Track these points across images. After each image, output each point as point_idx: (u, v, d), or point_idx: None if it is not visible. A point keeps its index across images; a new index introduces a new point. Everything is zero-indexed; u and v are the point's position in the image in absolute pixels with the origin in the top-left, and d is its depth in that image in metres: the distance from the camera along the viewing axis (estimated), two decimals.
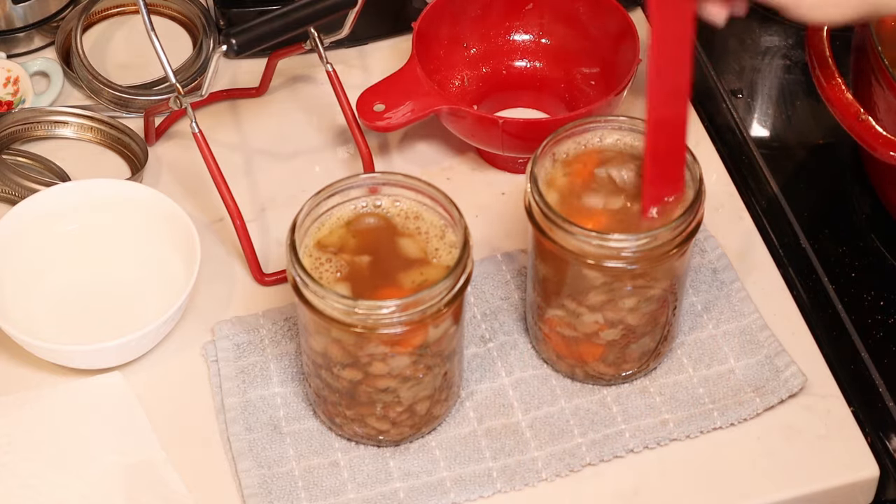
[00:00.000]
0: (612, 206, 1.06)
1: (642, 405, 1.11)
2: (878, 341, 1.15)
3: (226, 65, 1.35)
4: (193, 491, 1.06)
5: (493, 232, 1.22)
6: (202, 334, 1.15)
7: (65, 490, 1.05)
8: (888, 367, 1.13)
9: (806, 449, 1.09)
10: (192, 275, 1.12)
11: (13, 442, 1.08)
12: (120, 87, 1.31)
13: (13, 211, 1.16)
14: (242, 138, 1.30)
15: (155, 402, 1.11)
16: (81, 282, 1.18)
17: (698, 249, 1.19)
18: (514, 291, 1.17)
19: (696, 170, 1.06)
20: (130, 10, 1.40)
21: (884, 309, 1.17)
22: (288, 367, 1.13)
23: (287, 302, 1.16)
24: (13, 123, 1.27)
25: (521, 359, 1.14)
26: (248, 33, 1.12)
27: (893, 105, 1.13)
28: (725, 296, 1.17)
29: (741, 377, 1.12)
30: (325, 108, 1.32)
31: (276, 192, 1.25)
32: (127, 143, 1.28)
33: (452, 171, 1.27)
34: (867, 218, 1.24)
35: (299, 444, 1.09)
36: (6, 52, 1.35)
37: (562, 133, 1.08)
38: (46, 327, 1.14)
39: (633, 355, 1.10)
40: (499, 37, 1.32)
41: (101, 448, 1.08)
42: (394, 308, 0.99)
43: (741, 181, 1.26)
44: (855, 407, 1.11)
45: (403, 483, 1.07)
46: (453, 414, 1.10)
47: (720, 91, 1.33)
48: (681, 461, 1.08)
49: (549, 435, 1.09)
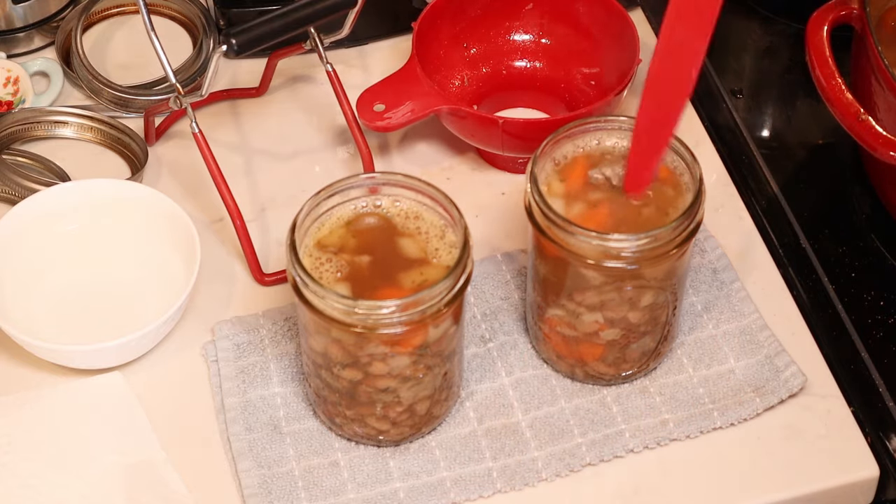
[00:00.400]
0: (612, 206, 1.06)
1: (642, 405, 1.11)
2: (878, 341, 1.15)
3: (226, 65, 1.35)
4: (193, 491, 1.06)
5: (493, 232, 1.22)
6: (202, 334, 1.15)
7: (65, 490, 1.05)
8: (888, 367, 1.13)
9: (806, 449, 1.09)
10: (192, 275, 1.12)
11: (13, 442, 1.08)
12: (120, 87, 1.31)
13: (13, 211, 1.16)
14: (242, 138, 1.30)
15: (155, 402, 1.11)
16: (81, 282, 1.18)
17: (698, 249, 1.19)
18: (514, 291, 1.18)
19: (696, 170, 1.06)
20: (130, 10, 1.40)
21: (884, 309, 1.17)
22: (288, 367, 1.13)
23: (287, 302, 1.16)
24: (13, 123, 1.27)
25: (521, 359, 1.14)
26: (248, 33, 1.12)
27: (893, 105, 1.13)
28: (725, 296, 1.17)
29: (741, 377, 1.12)
30: (325, 108, 1.32)
31: (276, 192, 1.25)
32: (127, 143, 1.28)
33: (452, 171, 1.27)
34: (867, 218, 1.24)
35: (299, 444, 1.09)
36: (6, 52, 1.35)
37: (561, 133, 1.08)
38: (46, 327, 1.14)
39: (633, 355, 1.10)
40: (499, 37, 1.32)
41: (101, 448, 1.08)
42: (394, 308, 0.99)
43: (741, 181, 1.26)
44: (855, 407, 1.11)
45: (403, 483, 1.07)
46: (453, 414, 1.10)
47: (720, 91, 1.33)
48: (681, 461, 1.08)
49: (549, 435, 1.09)
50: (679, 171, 1.07)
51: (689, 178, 1.06)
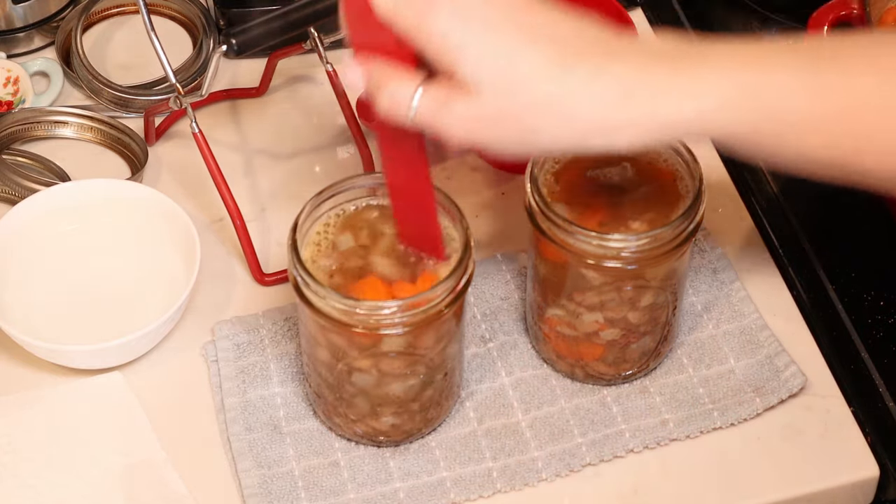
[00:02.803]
0: (612, 206, 1.06)
1: (642, 405, 1.11)
2: (878, 341, 1.15)
3: (226, 65, 1.35)
4: (193, 491, 1.06)
5: (493, 232, 1.22)
6: (202, 334, 1.15)
7: (65, 490, 1.05)
8: (888, 367, 1.13)
9: (806, 449, 1.09)
10: (192, 275, 1.12)
11: (13, 442, 1.08)
12: (120, 87, 1.31)
13: (13, 211, 1.16)
14: (242, 138, 1.30)
15: (155, 402, 1.11)
16: (81, 282, 1.18)
17: (698, 249, 1.19)
18: (514, 291, 1.18)
19: (697, 170, 1.06)
20: (130, 10, 1.40)
21: (884, 309, 1.17)
22: (288, 367, 1.13)
23: (287, 302, 1.16)
24: (13, 123, 1.27)
25: (521, 359, 1.14)
26: (248, 33, 1.12)
27: None
28: (725, 296, 1.17)
29: (741, 377, 1.12)
30: (325, 108, 1.32)
31: (276, 192, 1.25)
32: (127, 143, 1.28)
33: (452, 171, 1.27)
34: (867, 218, 1.23)
35: (299, 444, 1.09)
36: (6, 52, 1.35)
37: None
38: (46, 327, 1.14)
39: (633, 355, 1.10)
40: None
41: (101, 448, 1.08)
42: (395, 309, 0.99)
43: (741, 181, 1.26)
44: (855, 407, 1.11)
45: (403, 483, 1.07)
46: (453, 414, 1.10)
47: None
48: (681, 461, 1.08)
49: (549, 435, 1.09)
50: (679, 172, 1.07)
51: (689, 179, 1.06)
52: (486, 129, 0.89)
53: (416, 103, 0.90)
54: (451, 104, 0.89)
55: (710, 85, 0.88)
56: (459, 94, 0.89)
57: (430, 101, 0.89)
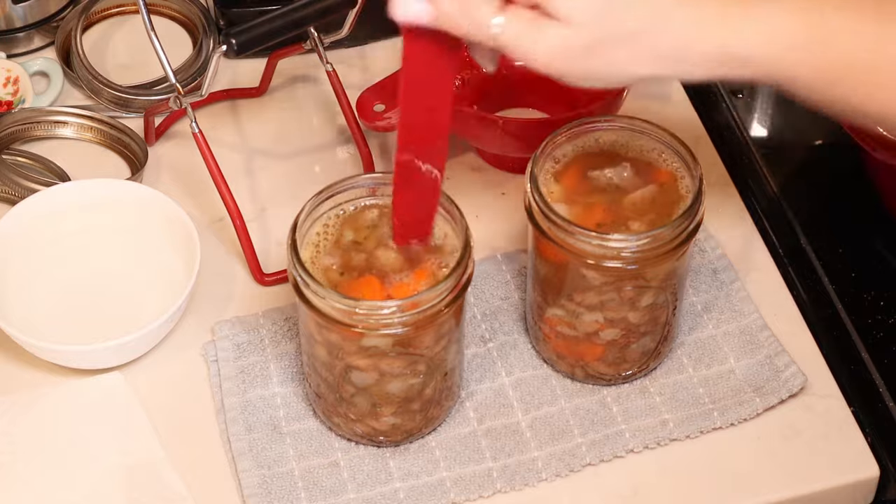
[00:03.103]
0: (612, 206, 1.06)
1: (642, 405, 1.11)
2: (878, 341, 1.15)
3: (226, 65, 1.35)
4: (193, 491, 1.06)
5: (493, 232, 1.22)
6: (202, 334, 1.15)
7: (65, 490, 1.05)
8: (888, 367, 1.13)
9: (806, 449, 1.09)
10: (192, 275, 1.12)
11: (13, 442, 1.08)
12: (120, 87, 1.31)
13: (13, 211, 1.16)
14: (242, 138, 1.30)
15: (155, 402, 1.11)
16: (81, 282, 1.18)
17: (698, 249, 1.19)
18: (514, 291, 1.18)
19: (697, 170, 1.06)
20: (130, 10, 1.40)
21: (884, 309, 1.17)
22: (288, 367, 1.13)
23: (287, 302, 1.16)
24: (13, 123, 1.27)
25: (521, 359, 1.14)
26: (248, 33, 1.12)
27: None
28: (725, 296, 1.17)
29: (741, 377, 1.12)
30: (325, 108, 1.32)
31: (276, 192, 1.25)
32: (127, 143, 1.28)
33: (452, 171, 1.27)
34: (867, 218, 1.24)
35: (299, 444, 1.09)
36: (6, 52, 1.35)
37: (561, 133, 1.08)
38: (46, 327, 1.14)
39: (633, 355, 1.10)
40: None
41: (102, 448, 1.08)
42: (394, 308, 0.99)
43: (741, 181, 1.26)
44: (855, 407, 1.11)
45: (403, 483, 1.07)
46: (453, 414, 1.10)
47: (720, 91, 1.33)
48: (681, 461, 1.08)
49: (549, 435, 1.09)
50: (679, 172, 1.07)
51: (689, 179, 1.06)
52: (573, 59, 0.91)
53: (499, 20, 0.90)
54: (544, 28, 0.90)
55: (780, 25, 0.91)
56: (548, 20, 0.89)
57: (519, 22, 0.90)
